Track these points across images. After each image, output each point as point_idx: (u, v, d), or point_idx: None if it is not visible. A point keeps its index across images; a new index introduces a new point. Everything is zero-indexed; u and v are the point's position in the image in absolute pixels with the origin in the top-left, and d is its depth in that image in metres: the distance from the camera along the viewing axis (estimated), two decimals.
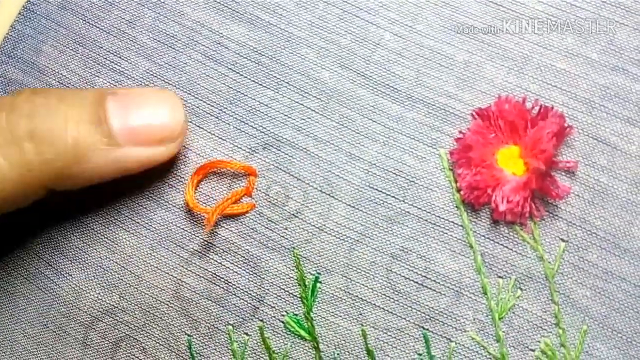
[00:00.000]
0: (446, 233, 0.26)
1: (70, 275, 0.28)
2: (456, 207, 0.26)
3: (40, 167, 0.24)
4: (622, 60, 0.25)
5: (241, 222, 0.27)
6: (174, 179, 0.27)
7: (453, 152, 0.25)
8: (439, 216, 0.26)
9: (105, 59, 0.28)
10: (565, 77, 0.26)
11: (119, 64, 0.28)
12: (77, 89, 0.26)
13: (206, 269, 0.27)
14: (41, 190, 0.25)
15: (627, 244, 0.25)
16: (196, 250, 0.27)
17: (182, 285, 0.27)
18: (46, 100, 0.24)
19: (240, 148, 0.27)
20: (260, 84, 0.27)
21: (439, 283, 0.26)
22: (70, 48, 0.29)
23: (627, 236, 0.25)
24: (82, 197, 0.27)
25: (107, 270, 0.27)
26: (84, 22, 0.29)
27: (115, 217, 0.28)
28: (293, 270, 0.26)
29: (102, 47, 0.29)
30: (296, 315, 0.26)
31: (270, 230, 0.27)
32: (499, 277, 0.25)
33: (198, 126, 0.28)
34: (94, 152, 0.24)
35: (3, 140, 0.23)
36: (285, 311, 0.26)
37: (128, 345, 0.27)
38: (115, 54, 0.28)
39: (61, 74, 0.29)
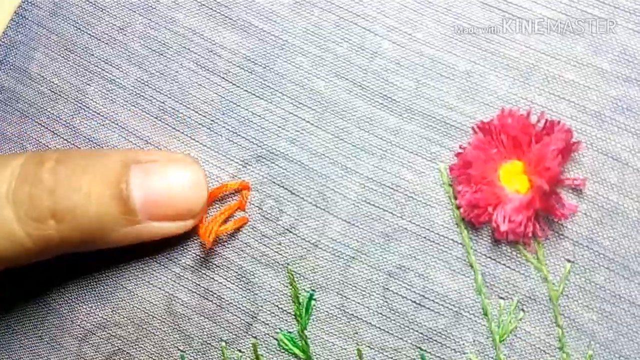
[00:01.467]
0: (445, 251, 0.25)
1: (64, 288, 0.27)
2: (456, 224, 0.25)
3: (61, 241, 0.24)
4: (635, 71, 0.24)
5: (234, 237, 0.26)
6: None
7: (453, 167, 0.24)
8: (438, 233, 0.25)
9: (97, 66, 0.28)
10: (574, 88, 0.24)
11: (110, 72, 0.28)
12: (102, 152, 0.25)
13: (198, 284, 0.26)
14: (57, 254, 0.25)
15: (637, 266, 0.23)
16: (188, 265, 0.26)
17: (175, 301, 0.26)
18: (70, 171, 0.24)
19: (232, 160, 0.26)
20: (254, 94, 0.26)
21: (437, 303, 0.25)
22: (62, 55, 0.28)
23: (638, 257, 0.23)
24: None
25: (99, 284, 0.27)
26: (76, 28, 0.28)
27: None
28: (287, 287, 0.26)
29: (93, 55, 0.28)
30: (290, 333, 0.26)
31: (264, 245, 0.26)
32: (501, 298, 0.24)
33: (189, 137, 0.27)
34: (114, 228, 0.24)
35: (25, 215, 0.23)
36: (279, 328, 0.26)
37: (121, 359, 0.27)
38: (106, 61, 0.28)
39: (53, 82, 0.28)
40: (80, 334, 0.27)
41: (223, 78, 0.27)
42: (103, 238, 0.24)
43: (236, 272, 0.26)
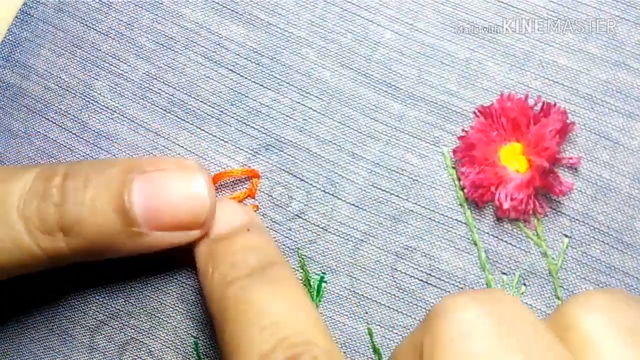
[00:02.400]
0: (450, 231, 0.26)
1: (76, 280, 0.28)
2: (459, 204, 0.26)
3: (71, 253, 0.25)
4: (623, 56, 0.25)
5: None
6: None
7: (456, 150, 0.25)
8: (442, 214, 0.26)
9: (104, 61, 0.28)
10: (567, 73, 0.26)
11: (117, 67, 0.28)
12: (109, 162, 0.26)
13: None
14: (70, 263, 0.26)
15: (630, 238, 0.25)
16: None
17: (187, 288, 0.27)
18: (76, 185, 0.24)
19: (242, 150, 0.27)
20: (261, 85, 0.27)
21: (443, 280, 0.26)
22: (69, 51, 0.28)
23: (630, 231, 0.25)
24: None
25: (111, 274, 0.28)
26: (82, 24, 0.29)
27: None
28: (298, 270, 0.27)
29: (100, 50, 0.28)
30: None
31: (275, 231, 0.27)
32: (503, 273, 0.25)
33: (200, 128, 0.27)
34: (119, 240, 0.25)
35: (35, 229, 0.24)
36: None
37: (134, 348, 0.27)
38: (113, 56, 0.28)
39: (60, 77, 0.28)
40: (93, 324, 0.28)
41: (231, 70, 0.28)
42: (110, 249, 0.25)
43: None
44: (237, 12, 0.28)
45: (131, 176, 0.25)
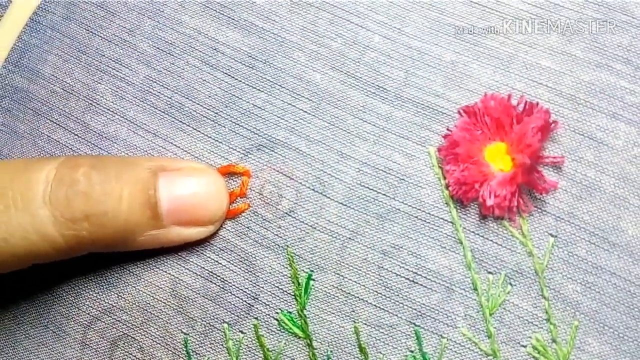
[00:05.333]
0: (436, 230, 0.26)
1: (70, 275, 0.28)
2: (446, 203, 0.26)
3: (91, 243, 0.25)
4: (605, 57, 0.26)
5: (236, 221, 0.27)
6: None
7: (441, 148, 0.26)
8: (428, 213, 0.26)
9: (107, 66, 0.30)
10: (550, 74, 0.26)
11: (120, 71, 0.29)
12: (132, 159, 0.27)
13: (203, 267, 0.27)
14: (84, 253, 0.26)
15: (616, 238, 0.25)
16: (193, 249, 0.28)
17: (179, 284, 0.28)
18: (104, 177, 0.25)
19: (235, 150, 0.28)
20: (254, 87, 0.28)
21: (429, 279, 0.26)
22: (74, 57, 0.30)
23: (616, 230, 0.25)
24: None
25: (105, 269, 0.28)
26: (88, 31, 0.30)
27: None
28: (287, 268, 0.27)
29: (104, 55, 0.30)
30: (290, 312, 0.27)
31: (265, 229, 0.27)
32: (489, 272, 0.25)
33: (195, 129, 0.28)
34: (141, 232, 0.26)
35: (61, 216, 0.25)
36: (280, 309, 0.27)
37: (126, 344, 0.28)
38: (116, 61, 0.30)
39: (65, 81, 0.30)
40: (86, 320, 0.28)
41: (226, 74, 0.29)
42: (130, 241, 0.26)
43: (238, 255, 0.27)
44: (233, 19, 0.29)
45: (157, 173, 0.26)
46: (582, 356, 0.24)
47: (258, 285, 0.27)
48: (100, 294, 0.28)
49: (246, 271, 0.27)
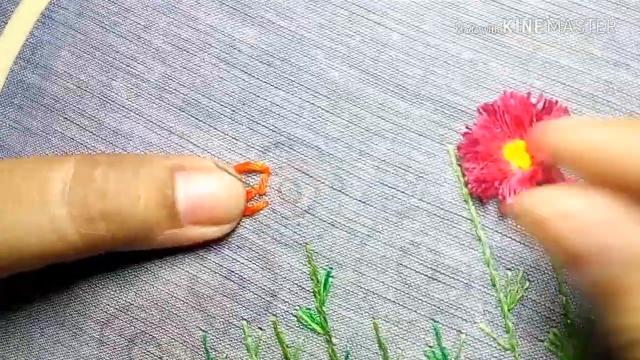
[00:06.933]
0: (455, 226, 0.26)
1: (86, 274, 0.28)
2: (464, 200, 0.26)
3: (108, 242, 0.25)
4: (624, 56, 0.26)
5: (255, 219, 0.28)
6: None
7: (460, 146, 0.26)
8: (447, 210, 0.26)
9: (122, 63, 0.29)
10: (569, 73, 0.26)
11: (135, 68, 0.29)
12: (150, 157, 0.27)
13: (221, 265, 0.27)
14: (100, 252, 0.26)
15: None
16: (211, 247, 0.28)
17: (198, 281, 0.28)
18: (121, 175, 0.25)
19: (253, 147, 0.28)
20: (272, 85, 0.28)
21: (448, 276, 0.26)
22: (88, 53, 0.30)
23: None
24: None
25: (123, 268, 0.28)
26: (101, 28, 0.30)
27: None
28: (305, 265, 0.27)
29: (118, 52, 0.29)
30: (309, 309, 0.27)
31: (283, 226, 0.27)
32: (508, 269, 0.26)
33: (212, 127, 0.28)
34: (158, 231, 0.26)
35: (79, 215, 0.24)
36: (298, 305, 0.27)
37: (143, 341, 0.28)
38: (131, 58, 0.29)
39: (79, 77, 0.30)
40: (103, 318, 0.28)
41: (243, 71, 0.29)
42: (147, 240, 0.26)
43: (257, 253, 0.27)
44: (249, 16, 0.29)
45: (174, 172, 0.26)
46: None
47: (277, 283, 0.27)
48: (118, 292, 0.28)
49: (264, 268, 0.27)
